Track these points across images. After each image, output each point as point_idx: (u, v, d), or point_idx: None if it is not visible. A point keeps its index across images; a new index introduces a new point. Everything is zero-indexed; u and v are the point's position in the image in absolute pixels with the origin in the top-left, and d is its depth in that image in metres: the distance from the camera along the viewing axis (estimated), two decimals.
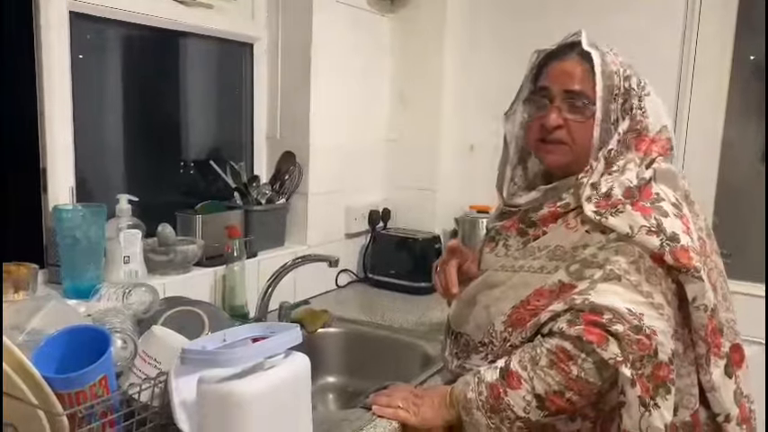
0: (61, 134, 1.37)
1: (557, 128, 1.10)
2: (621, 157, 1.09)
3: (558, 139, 1.11)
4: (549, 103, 1.11)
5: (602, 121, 1.07)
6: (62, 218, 1.26)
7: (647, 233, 1.02)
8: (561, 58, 1.12)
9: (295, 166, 1.84)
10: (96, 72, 1.54)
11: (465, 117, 2.18)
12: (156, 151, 1.72)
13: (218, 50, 1.83)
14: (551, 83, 1.11)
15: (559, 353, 1.00)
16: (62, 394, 0.85)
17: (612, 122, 1.08)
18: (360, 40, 2.02)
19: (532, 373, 1.01)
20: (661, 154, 1.11)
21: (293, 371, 0.96)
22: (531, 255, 1.12)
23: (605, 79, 1.07)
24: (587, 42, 1.10)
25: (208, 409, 0.90)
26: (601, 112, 1.07)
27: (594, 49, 1.09)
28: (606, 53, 1.09)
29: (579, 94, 1.09)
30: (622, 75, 1.08)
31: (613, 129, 1.08)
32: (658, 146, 1.11)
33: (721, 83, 1.94)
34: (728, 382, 1.08)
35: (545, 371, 1.00)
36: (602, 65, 1.07)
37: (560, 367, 1.00)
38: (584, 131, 1.09)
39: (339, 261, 1.52)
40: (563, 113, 1.10)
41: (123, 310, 1.10)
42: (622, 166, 1.08)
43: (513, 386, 1.02)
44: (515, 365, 1.03)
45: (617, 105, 1.08)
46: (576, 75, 1.09)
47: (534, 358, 1.02)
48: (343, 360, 1.64)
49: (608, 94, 1.07)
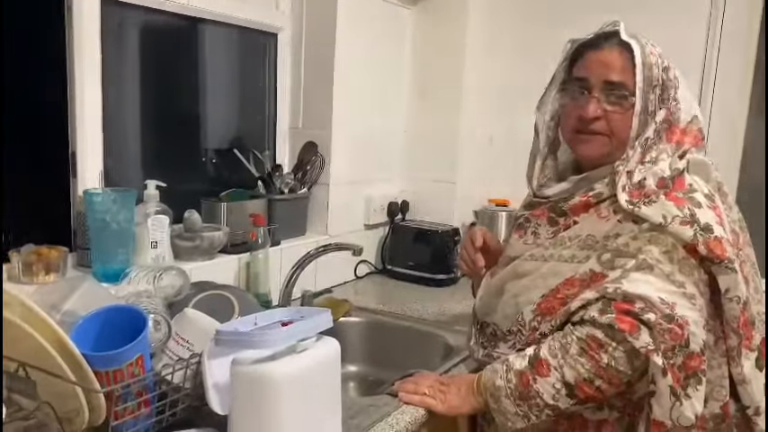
0: (91, 119, 1.38)
1: (595, 119, 1.09)
2: (654, 147, 1.08)
3: (596, 130, 1.10)
4: (588, 93, 1.10)
5: (640, 113, 1.07)
6: (93, 201, 1.27)
7: (681, 223, 1.01)
8: (599, 48, 1.10)
9: (317, 156, 1.85)
10: (123, 59, 1.55)
11: (485, 110, 2.17)
12: (180, 139, 1.72)
13: (242, 39, 1.84)
14: (590, 73, 1.10)
15: (590, 341, 1.00)
16: (100, 372, 0.86)
17: (650, 113, 1.07)
18: (382, 32, 2.03)
19: (562, 361, 1.01)
20: (693, 145, 1.10)
21: (324, 354, 0.97)
22: (562, 244, 1.11)
23: (645, 70, 1.06)
24: (626, 33, 1.09)
25: (241, 391, 0.91)
26: (640, 103, 1.06)
27: (634, 40, 1.08)
28: (645, 44, 1.08)
29: (619, 84, 1.07)
30: (661, 66, 1.08)
31: (650, 118, 1.07)
32: (690, 137, 1.11)
33: (745, 79, 1.92)
34: (759, 375, 1.07)
35: (575, 359, 1.01)
36: (642, 56, 1.06)
37: (591, 355, 1.00)
38: (622, 123, 1.08)
39: (362, 250, 1.52)
40: (602, 104, 1.08)
41: (154, 293, 1.11)
42: (655, 157, 1.08)
43: (542, 374, 1.02)
44: (545, 353, 1.03)
45: (655, 96, 1.07)
46: (616, 65, 1.08)
47: (565, 346, 1.02)
48: (365, 349, 1.64)
49: (647, 86, 1.06)
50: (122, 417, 0.90)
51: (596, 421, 1.08)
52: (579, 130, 1.12)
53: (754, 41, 1.91)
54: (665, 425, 0.99)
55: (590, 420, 1.08)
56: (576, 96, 1.11)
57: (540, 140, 1.20)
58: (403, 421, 1.08)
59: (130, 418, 0.91)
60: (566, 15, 1.95)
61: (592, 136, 1.11)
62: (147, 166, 1.63)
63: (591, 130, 1.10)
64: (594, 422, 1.08)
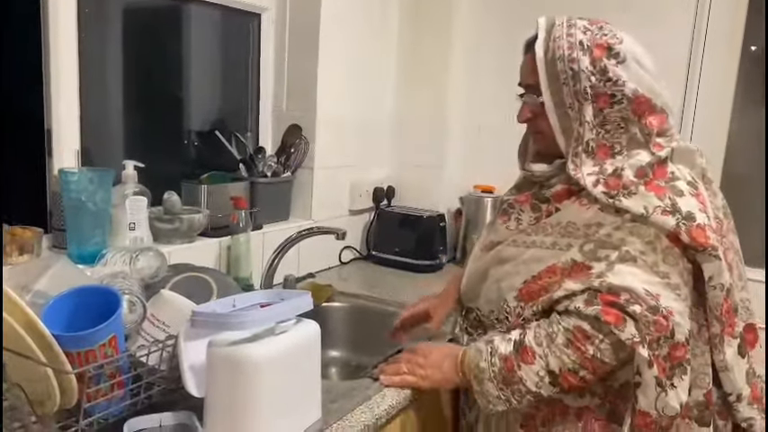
0: (67, 96, 1.34)
1: (526, 121, 1.14)
2: (621, 133, 1.06)
3: (533, 129, 1.15)
4: (521, 97, 1.14)
5: (555, 108, 1.07)
6: (68, 181, 1.24)
7: (662, 213, 1.01)
8: (525, 52, 1.13)
9: (301, 140, 1.82)
10: (103, 37, 1.51)
11: (473, 96, 2.16)
12: (160, 120, 1.69)
13: (225, 20, 1.80)
14: (519, 78, 1.14)
15: (577, 332, 1.00)
16: (71, 353, 0.84)
17: (568, 106, 1.05)
18: (369, 15, 2.00)
19: (548, 350, 1.01)
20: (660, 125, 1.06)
21: (304, 337, 0.95)
22: (544, 231, 1.11)
23: (548, 66, 1.05)
24: (543, 28, 1.08)
25: (217, 373, 0.89)
26: (550, 100, 1.06)
27: (545, 34, 1.07)
28: (557, 38, 1.05)
29: (529, 86, 1.10)
30: (567, 58, 1.04)
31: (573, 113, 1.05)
32: (656, 116, 1.07)
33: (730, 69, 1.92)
34: (741, 362, 1.07)
35: (561, 349, 1.00)
36: (545, 51, 1.06)
37: (576, 346, 0.99)
38: (544, 121, 1.09)
39: (346, 234, 1.50)
40: (530, 106, 1.11)
41: (131, 274, 1.09)
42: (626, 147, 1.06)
43: (526, 361, 1.02)
44: (530, 341, 1.03)
45: (569, 89, 1.05)
46: (528, 67, 1.10)
47: (550, 335, 1.02)
48: (347, 334, 1.63)
49: (554, 81, 1.05)
50: (95, 399, 0.88)
51: (577, 408, 1.08)
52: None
53: (739, 32, 1.91)
54: (650, 415, 0.99)
55: (571, 407, 1.08)
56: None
57: None
58: (384, 404, 1.07)
59: (103, 400, 0.89)
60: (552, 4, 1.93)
61: (533, 135, 1.17)
62: (127, 147, 1.59)
63: (530, 130, 1.17)
64: (575, 409, 1.08)
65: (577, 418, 1.08)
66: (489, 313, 1.14)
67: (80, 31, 1.37)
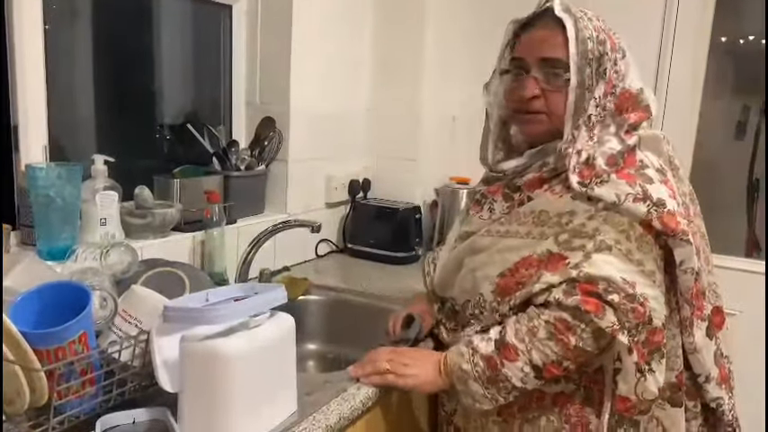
0: (33, 90, 1.31)
1: (533, 98, 1.09)
2: (599, 123, 1.08)
3: (535, 109, 1.09)
4: (525, 73, 1.09)
5: (576, 87, 1.05)
6: (36, 176, 1.21)
7: (634, 201, 1.02)
8: (533, 27, 1.10)
9: (275, 132, 1.81)
10: (72, 29, 1.48)
11: (447, 87, 2.16)
12: (131, 114, 1.67)
13: (196, 11, 1.78)
14: (526, 53, 1.09)
15: (558, 324, 1.00)
16: (40, 351, 0.83)
17: (587, 87, 1.06)
18: (342, 6, 1.98)
19: (530, 345, 1.01)
20: (639, 120, 1.09)
21: (278, 330, 0.95)
22: (517, 220, 1.11)
23: (579, 44, 1.05)
24: (560, 8, 1.07)
25: (191, 369, 0.89)
26: (576, 78, 1.05)
27: (567, 14, 1.06)
28: (580, 17, 1.07)
29: (554, 60, 1.07)
30: (596, 39, 1.06)
31: (588, 93, 1.06)
32: (637, 112, 1.10)
33: (699, 62, 1.96)
34: (710, 344, 1.10)
35: (543, 342, 1.00)
36: (576, 30, 1.05)
37: (559, 338, 1.00)
38: (560, 99, 1.07)
39: (321, 227, 1.50)
40: (540, 83, 1.08)
41: (102, 269, 1.07)
42: (600, 134, 1.07)
43: (509, 358, 1.02)
44: (511, 338, 1.02)
45: (591, 70, 1.05)
46: (550, 42, 1.07)
47: (532, 330, 1.01)
48: (323, 327, 1.63)
49: (582, 60, 1.05)
50: (66, 396, 0.86)
51: (553, 394, 1.09)
52: (519, 110, 1.12)
53: (708, 21, 1.94)
54: (630, 399, 1.01)
55: (547, 393, 1.09)
56: (517, 77, 1.11)
57: (490, 122, 1.20)
58: (360, 396, 1.07)
59: (75, 398, 0.88)
60: None
61: (531, 116, 1.10)
62: (97, 141, 1.57)
63: (530, 109, 1.10)
64: (551, 395, 1.09)
65: (554, 404, 1.09)
66: (465, 303, 1.15)
67: (46, 23, 1.33)
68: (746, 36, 2.10)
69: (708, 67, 1.97)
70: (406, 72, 2.12)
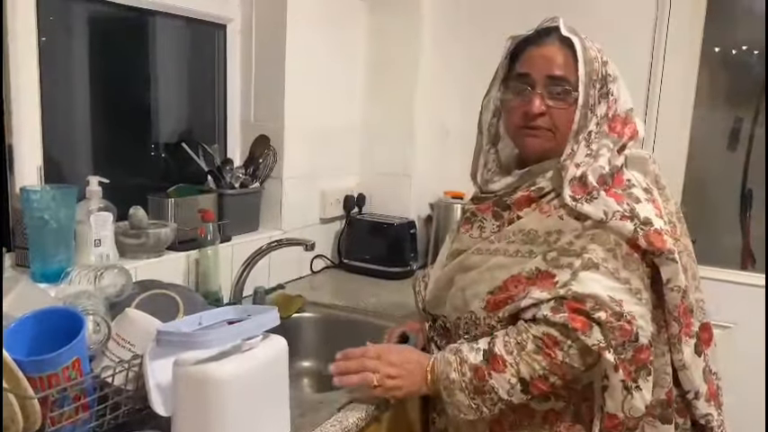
0: (27, 110, 1.32)
1: (540, 114, 1.09)
2: (597, 140, 1.10)
3: (541, 125, 1.10)
4: (531, 89, 1.10)
5: (582, 107, 1.07)
6: (30, 199, 1.22)
7: (621, 218, 1.03)
8: (540, 44, 1.11)
9: (269, 150, 1.82)
10: (66, 50, 1.49)
11: (441, 102, 2.18)
12: (126, 133, 1.68)
13: (190, 31, 1.79)
14: (532, 69, 1.10)
15: (546, 339, 1.01)
16: (33, 378, 0.83)
17: (590, 107, 1.08)
18: (335, 23, 2.00)
19: (518, 357, 1.02)
20: (631, 138, 1.12)
21: (271, 353, 0.96)
22: (507, 239, 1.12)
23: (587, 64, 1.07)
24: (566, 28, 1.09)
25: (184, 392, 0.89)
26: (582, 97, 1.07)
27: (574, 35, 1.09)
28: (584, 39, 1.09)
29: (562, 79, 1.08)
30: (600, 60, 1.09)
31: (590, 113, 1.08)
32: (629, 129, 1.12)
33: (690, 72, 1.97)
34: (698, 361, 1.11)
35: (531, 356, 1.01)
36: (583, 50, 1.07)
37: (546, 353, 1.01)
38: (565, 117, 1.08)
39: (315, 245, 1.51)
40: (545, 100, 1.09)
41: (95, 293, 1.08)
42: (596, 151, 1.09)
43: (497, 369, 1.02)
44: (500, 349, 1.03)
45: (595, 91, 1.08)
46: (558, 60, 1.08)
47: (521, 343, 1.02)
48: (319, 345, 1.63)
49: (589, 80, 1.07)
50: (59, 422, 0.87)
51: (543, 411, 1.10)
52: (524, 126, 1.12)
53: (699, 32, 1.95)
54: (617, 417, 1.02)
55: (537, 411, 1.10)
56: (520, 92, 1.12)
57: (483, 138, 1.21)
58: (353, 417, 1.08)
59: (68, 424, 0.88)
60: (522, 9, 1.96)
61: (537, 131, 1.11)
62: (92, 161, 1.58)
63: (535, 125, 1.10)
64: (541, 412, 1.10)
65: (544, 421, 1.10)
66: (456, 321, 1.16)
67: (41, 43, 1.35)
68: (740, 46, 2.12)
69: (701, 78, 1.99)
70: (399, 87, 2.13)
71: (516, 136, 1.16)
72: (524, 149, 1.16)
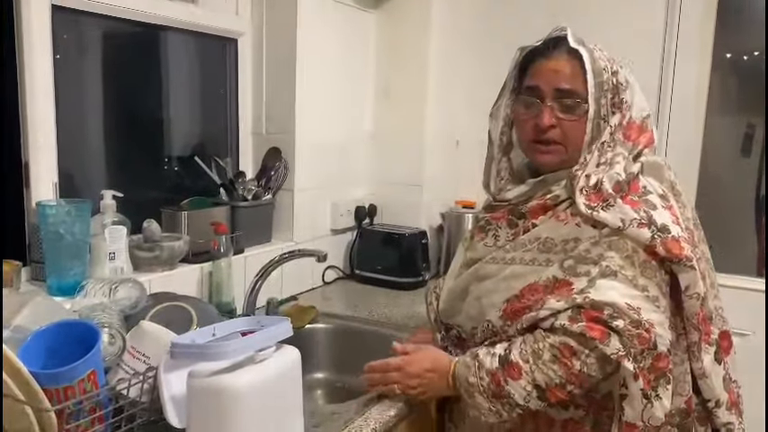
0: (43, 128, 1.34)
1: (551, 127, 1.09)
2: (610, 149, 1.10)
3: (552, 138, 1.10)
4: (540, 102, 1.10)
5: (594, 118, 1.07)
6: (46, 214, 1.24)
7: (638, 226, 1.03)
8: (548, 56, 1.10)
9: (281, 162, 1.83)
10: (80, 67, 1.52)
11: (450, 112, 2.19)
12: (139, 147, 1.69)
13: (202, 45, 1.81)
14: (541, 81, 1.10)
15: (563, 349, 1.00)
16: (50, 390, 0.84)
17: (603, 117, 1.08)
18: (344, 36, 2.02)
19: (534, 366, 1.01)
20: (646, 145, 1.12)
21: (284, 364, 0.96)
22: (522, 247, 1.12)
23: (596, 76, 1.07)
24: (573, 39, 1.09)
25: (198, 404, 0.90)
26: (593, 109, 1.07)
27: (582, 46, 1.08)
28: (593, 49, 1.09)
29: (571, 92, 1.08)
30: (611, 70, 1.08)
31: (603, 122, 1.08)
32: (645, 137, 1.12)
33: (702, 78, 1.97)
34: (718, 369, 1.09)
35: (548, 365, 1.01)
36: (591, 61, 1.07)
37: (563, 362, 1.00)
38: (576, 130, 1.09)
39: (327, 256, 1.51)
40: (555, 112, 1.09)
41: (110, 305, 1.09)
42: (611, 159, 1.09)
43: (513, 376, 1.02)
44: (516, 357, 1.03)
45: (607, 101, 1.08)
46: (566, 73, 1.08)
47: (537, 352, 1.02)
48: (331, 355, 1.63)
49: (599, 91, 1.07)
50: None
51: (562, 420, 1.09)
52: (536, 140, 1.12)
53: (710, 37, 1.95)
54: (636, 426, 1.01)
55: (556, 419, 1.09)
56: (530, 105, 1.12)
57: (494, 147, 1.21)
58: (367, 428, 1.07)
59: None
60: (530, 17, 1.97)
61: (548, 146, 1.11)
62: (106, 175, 1.60)
63: (546, 139, 1.10)
64: (561, 421, 1.09)
65: (563, 430, 1.09)
66: (472, 330, 1.15)
67: (56, 61, 1.37)
68: (751, 52, 2.11)
69: (713, 84, 1.98)
70: (409, 98, 2.14)
71: (528, 150, 1.16)
72: (537, 163, 1.16)
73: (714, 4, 1.93)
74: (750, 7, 2.06)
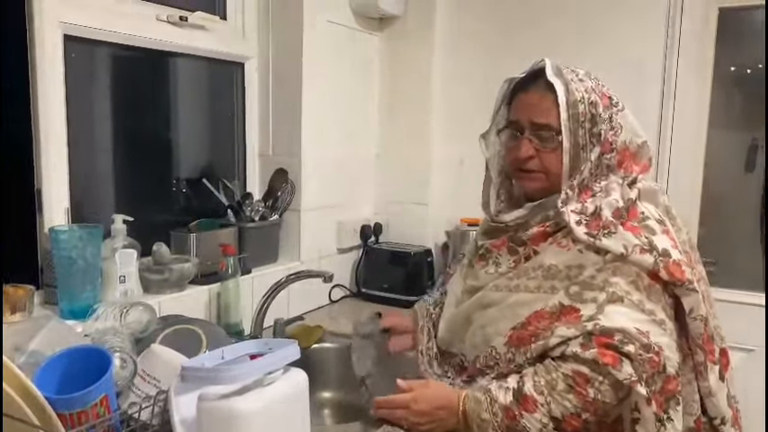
0: (55, 155, 1.38)
1: (529, 158, 1.13)
2: (603, 178, 1.11)
3: (532, 168, 1.14)
4: (520, 134, 1.14)
5: (570, 149, 1.09)
6: (58, 239, 1.26)
7: (641, 252, 1.05)
8: (527, 90, 1.14)
9: (287, 183, 1.86)
10: (89, 94, 1.55)
11: (454, 132, 2.21)
12: (148, 171, 1.73)
13: (209, 69, 1.85)
14: (520, 115, 1.14)
15: (577, 377, 1.01)
16: (64, 415, 0.86)
17: (582, 147, 1.10)
18: (349, 58, 2.05)
19: (549, 397, 1.02)
20: (641, 172, 1.14)
21: (292, 386, 0.98)
22: (526, 274, 1.13)
23: (570, 108, 1.08)
24: (551, 71, 1.11)
25: (208, 427, 0.91)
26: (569, 140, 1.09)
27: (559, 78, 1.10)
28: (571, 81, 1.10)
29: (544, 126, 1.11)
30: (587, 101, 1.09)
31: (583, 153, 1.10)
32: (639, 165, 1.14)
33: (703, 94, 1.98)
34: (722, 386, 1.11)
35: (562, 395, 1.01)
36: (566, 94, 1.09)
37: (578, 391, 1.01)
38: (555, 160, 1.11)
39: (333, 277, 1.53)
40: (534, 144, 1.12)
41: (121, 329, 1.11)
42: (605, 187, 1.11)
43: (528, 410, 1.02)
44: (530, 390, 1.03)
45: (584, 131, 1.09)
46: (541, 106, 1.11)
47: (550, 383, 1.02)
48: (339, 375, 1.64)
49: (574, 123, 1.09)
50: None
51: None
52: (518, 169, 1.17)
53: (710, 55, 1.96)
54: None
55: None
56: (512, 137, 1.16)
57: (491, 172, 1.25)
58: None
59: None
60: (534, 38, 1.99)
61: (530, 174, 1.15)
62: (116, 199, 1.62)
63: (527, 168, 1.15)
64: None
65: None
66: (475, 359, 1.16)
67: (68, 87, 1.40)
68: (755, 65, 2.11)
69: (715, 99, 1.98)
70: (414, 117, 2.17)
71: (514, 177, 1.21)
72: (523, 190, 1.20)
73: (715, 18, 1.94)
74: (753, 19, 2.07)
